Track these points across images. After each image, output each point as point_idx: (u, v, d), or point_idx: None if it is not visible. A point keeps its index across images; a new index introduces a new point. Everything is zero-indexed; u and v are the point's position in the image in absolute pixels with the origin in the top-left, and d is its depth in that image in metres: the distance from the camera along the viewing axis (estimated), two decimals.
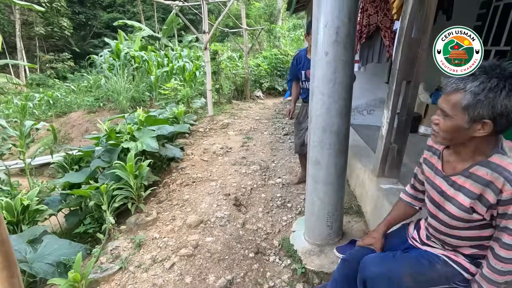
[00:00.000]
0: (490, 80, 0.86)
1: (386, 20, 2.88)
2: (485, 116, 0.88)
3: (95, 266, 1.95)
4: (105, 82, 8.24)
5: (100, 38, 21.13)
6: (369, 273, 1.16)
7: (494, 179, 0.90)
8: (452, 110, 0.93)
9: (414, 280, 1.09)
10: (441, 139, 1.01)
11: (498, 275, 0.95)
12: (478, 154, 0.97)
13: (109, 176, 2.82)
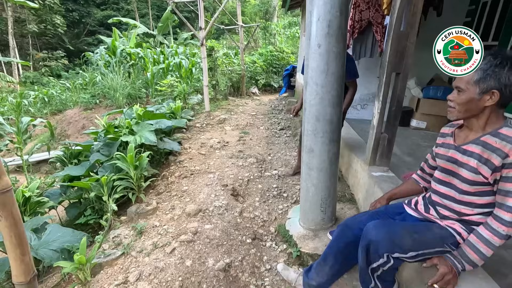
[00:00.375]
0: (496, 59, 1.07)
1: (378, 15, 2.98)
2: (493, 87, 1.07)
3: (98, 252, 2.02)
4: (101, 79, 8.24)
5: (94, 36, 21.00)
6: (373, 236, 1.26)
7: (502, 146, 1.06)
8: (466, 85, 1.12)
9: (413, 241, 1.20)
10: (457, 112, 1.17)
11: (497, 237, 1.07)
12: (488, 127, 1.14)
13: (109, 168, 2.89)
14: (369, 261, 1.29)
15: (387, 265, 1.24)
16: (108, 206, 2.27)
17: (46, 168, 6.11)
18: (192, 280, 1.77)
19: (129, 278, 1.75)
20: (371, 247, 1.25)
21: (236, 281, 1.86)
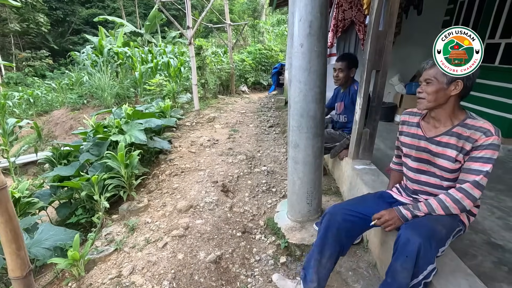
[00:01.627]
0: None
1: (360, 15, 3.09)
2: (456, 78, 1.21)
3: (91, 249, 2.06)
4: (88, 79, 8.13)
5: (80, 34, 20.56)
6: (420, 238, 1.15)
7: (471, 134, 1.22)
8: (435, 77, 1.25)
9: (446, 229, 1.26)
10: (427, 102, 1.29)
11: (452, 202, 1.23)
12: (454, 118, 1.29)
13: (99, 167, 2.91)
14: (414, 273, 1.15)
15: (432, 274, 1.16)
16: (100, 204, 2.31)
17: (33, 170, 6.03)
18: (184, 272, 1.84)
19: (123, 272, 1.80)
20: (421, 252, 1.11)
21: (227, 272, 1.93)
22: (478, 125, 1.21)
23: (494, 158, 1.19)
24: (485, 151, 1.19)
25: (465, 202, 1.21)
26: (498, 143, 1.18)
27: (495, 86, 3.30)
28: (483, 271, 1.49)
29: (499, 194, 2.30)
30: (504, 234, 1.81)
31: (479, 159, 1.20)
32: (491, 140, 1.17)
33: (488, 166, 1.19)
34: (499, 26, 3.33)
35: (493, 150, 1.18)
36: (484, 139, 1.18)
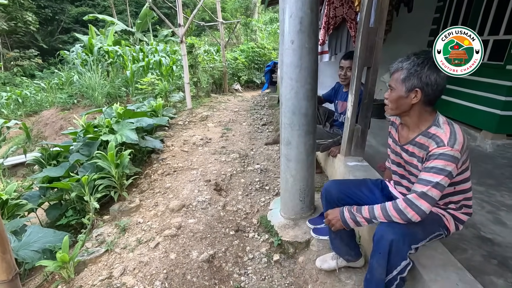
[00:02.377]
0: (418, 59, 1.19)
1: (351, 12, 3.10)
2: (416, 85, 1.18)
3: (81, 251, 2.03)
4: (78, 79, 7.99)
5: (69, 33, 20.19)
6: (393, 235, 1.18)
7: (428, 143, 1.18)
8: (395, 84, 1.25)
9: (423, 228, 1.24)
10: (390, 110, 1.31)
11: (395, 212, 1.16)
12: (421, 125, 1.25)
13: (90, 168, 2.86)
14: (389, 269, 1.16)
15: (406, 269, 1.16)
16: (90, 205, 2.27)
17: (22, 171, 5.90)
18: (176, 272, 1.82)
19: (114, 273, 1.77)
20: (393, 248, 1.13)
21: (220, 271, 1.92)
22: (435, 134, 1.16)
23: (448, 170, 1.10)
24: (436, 161, 1.11)
25: (409, 214, 1.12)
26: (451, 153, 1.09)
27: (484, 82, 3.34)
28: (473, 264, 1.51)
29: (489, 189, 2.34)
30: (494, 228, 1.84)
31: (431, 169, 1.12)
32: (442, 150, 1.10)
33: (438, 177, 1.10)
34: (487, 23, 3.38)
35: (445, 161, 1.10)
36: (434, 149, 1.13)
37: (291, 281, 1.87)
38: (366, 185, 1.54)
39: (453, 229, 1.32)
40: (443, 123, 1.19)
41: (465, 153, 1.17)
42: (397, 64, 1.25)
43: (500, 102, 3.12)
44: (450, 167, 1.10)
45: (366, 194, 1.51)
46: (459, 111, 3.79)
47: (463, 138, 1.13)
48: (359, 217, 1.27)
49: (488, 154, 3.12)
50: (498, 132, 3.19)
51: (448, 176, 1.11)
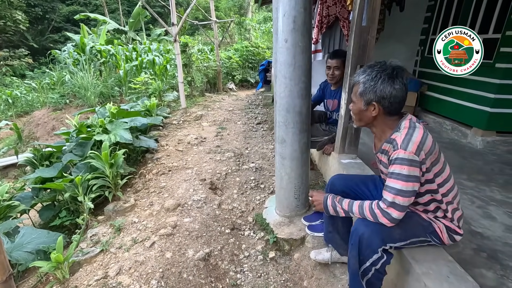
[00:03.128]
0: (372, 72, 1.21)
1: (344, 11, 3.12)
2: (373, 99, 1.21)
3: (76, 251, 2.02)
4: (70, 78, 7.89)
5: (61, 32, 19.87)
6: (364, 230, 1.23)
7: (390, 148, 1.21)
8: (355, 98, 1.29)
9: (401, 229, 1.24)
10: (356, 121, 1.35)
11: (370, 214, 1.20)
12: (386, 134, 1.27)
13: (83, 168, 2.84)
14: (361, 260, 1.21)
15: (380, 262, 1.19)
16: (84, 205, 2.25)
17: (14, 172, 5.81)
18: (172, 271, 1.82)
19: (109, 273, 1.77)
20: (363, 242, 1.19)
21: (216, 269, 1.93)
22: (394, 138, 1.16)
23: (405, 174, 1.09)
24: (394, 166, 1.12)
25: (382, 220, 1.16)
26: (405, 156, 1.09)
27: (474, 80, 3.41)
28: (463, 258, 1.54)
29: (479, 184, 2.39)
30: (483, 222, 1.88)
31: (391, 174, 1.13)
32: (396, 154, 1.11)
33: (399, 183, 1.11)
34: (477, 22, 3.44)
35: (400, 165, 1.10)
36: (392, 153, 1.14)
37: (287, 277, 1.89)
38: (373, 182, 1.55)
39: (447, 240, 1.27)
40: (404, 127, 1.18)
41: (429, 156, 1.14)
42: (355, 77, 1.28)
43: (489, 100, 3.19)
44: (406, 170, 1.09)
45: (370, 190, 1.52)
46: (450, 108, 3.86)
47: (420, 138, 1.11)
48: (338, 207, 1.33)
49: (478, 151, 3.18)
50: (488, 129, 3.26)
51: (409, 180, 1.10)
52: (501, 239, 1.71)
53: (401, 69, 1.19)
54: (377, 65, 1.20)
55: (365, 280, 1.24)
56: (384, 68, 1.18)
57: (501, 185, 2.38)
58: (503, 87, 3.06)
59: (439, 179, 1.22)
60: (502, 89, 3.09)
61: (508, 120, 3.19)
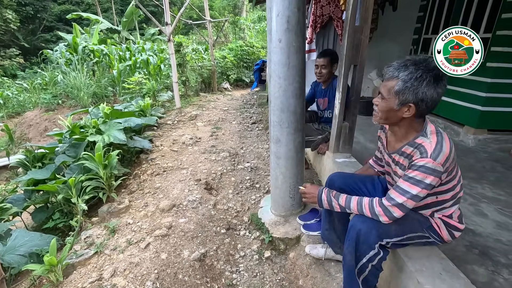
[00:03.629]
0: (417, 71, 1.08)
1: (338, 11, 3.14)
2: (410, 101, 1.10)
3: (70, 254, 1.99)
4: (62, 78, 7.79)
5: (52, 32, 19.60)
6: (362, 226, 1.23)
7: (413, 153, 1.15)
8: (387, 94, 1.15)
9: (397, 225, 1.23)
10: (379, 118, 1.23)
11: (370, 213, 1.20)
12: (409, 135, 1.21)
13: (77, 169, 2.81)
14: (358, 256, 1.21)
15: (376, 258, 1.19)
16: (78, 207, 2.23)
17: (6, 174, 5.72)
18: (168, 272, 1.81)
19: (104, 275, 1.75)
20: (360, 237, 1.18)
21: (211, 269, 1.93)
22: (421, 143, 1.12)
23: (427, 183, 1.08)
24: (416, 172, 1.09)
25: (381, 218, 1.16)
26: (433, 166, 1.06)
27: (466, 79, 3.45)
28: (456, 254, 1.57)
29: (471, 182, 2.43)
30: (475, 219, 1.91)
31: (409, 179, 1.11)
32: (424, 162, 1.07)
33: (415, 189, 1.10)
34: (468, 22, 3.48)
35: (424, 174, 1.07)
36: (417, 159, 1.10)
37: (283, 277, 1.90)
38: (371, 181, 1.54)
39: (447, 236, 1.27)
40: (431, 133, 1.14)
41: (452, 163, 1.14)
42: (392, 71, 1.13)
43: (481, 98, 3.24)
44: (429, 179, 1.08)
45: (369, 189, 1.52)
46: (443, 107, 3.90)
47: (449, 149, 1.09)
48: (334, 202, 1.32)
49: (470, 149, 3.23)
50: (480, 127, 3.31)
51: (427, 188, 1.10)
52: (492, 235, 1.74)
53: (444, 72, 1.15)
54: (422, 62, 1.09)
55: (362, 278, 1.24)
56: (431, 68, 1.08)
57: (492, 182, 2.42)
58: (494, 85, 3.11)
59: (454, 181, 1.21)
60: (493, 88, 3.14)
61: (498, 118, 3.25)
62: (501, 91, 3.15)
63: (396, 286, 1.36)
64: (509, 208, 2.04)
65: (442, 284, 1.14)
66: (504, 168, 2.71)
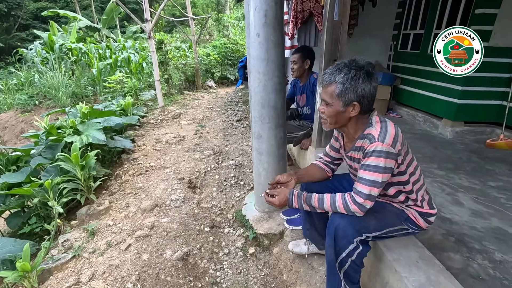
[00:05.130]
0: (350, 72, 1.15)
1: (318, 6, 3.15)
2: (353, 99, 1.16)
3: (46, 258, 1.92)
4: (39, 78, 7.48)
5: (28, 30, 18.81)
6: (340, 221, 1.24)
7: (364, 143, 1.20)
8: (331, 99, 1.20)
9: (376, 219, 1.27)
10: (329, 124, 1.27)
11: (345, 210, 1.20)
12: (358, 132, 1.27)
13: (53, 171, 2.70)
14: (337, 251, 1.22)
15: (355, 252, 1.20)
16: (54, 210, 2.14)
17: None
18: (149, 273, 1.77)
19: (81, 279, 1.70)
20: (339, 232, 1.20)
21: (195, 268, 1.90)
22: (369, 133, 1.17)
23: (382, 166, 1.11)
24: (371, 159, 1.13)
25: (357, 213, 1.18)
26: (383, 149, 1.10)
27: (443, 74, 3.54)
28: (433, 243, 1.61)
29: (449, 173, 2.50)
30: (452, 208, 1.97)
31: (367, 167, 1.14)
32: (374, 146, 1.12)
33: (375, 175, 1.12)
34: (444, 17, 3.58)
35: (378, 157, 1.11)
36: (368, 146, 1.14)
37: (267, 272, 1.89)
38: (347, 179, 1.55)
39: (424, 224, 1.31)
40: (376, 122, 1.20)
41: (403, 147, 1.18)
42: (328, 77, 1.19)
43: (457, 92, 3.34)
44: (383, 162, 1.11)
45: (344, 185, 1.54)
46: (422, 101, 4.00)
47: (394, 131, 1.15)
48: (306, 206, 1.30)
49: (448, 141, 3.33)
50: (457, 119, 3.41)
51: (386, 172, 1.12)
52: (468, 223, 1.80)
53: (373, 65, 1.20)
54: (352, 63, 1.16)
55: (342, 272, 1.25)
56: (360, 66, 1.15)
57: (468, 172, 2.50)
58: (469, 79, 3.21)
59: (411, 168, 1.25)
60: (468, 82, 3.24)
61: (474, 110, 3.36)
62: (476, 85, 3.26)
63: (376, 276, 1.38)
64: (484, 196, 2.11)
65: (418, 271, 1.16)
66: (479, 159, 2.80)
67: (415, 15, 4.21)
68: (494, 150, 3.02)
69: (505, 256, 1.51)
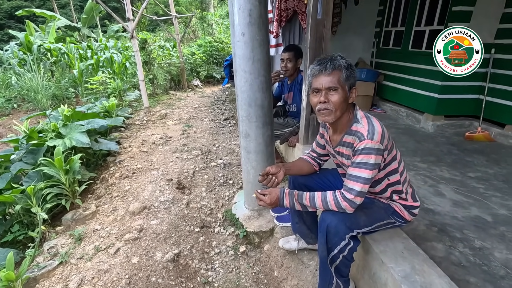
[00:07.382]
0: (341, 59, 1.21)
1: (302, 4, 3.18)
2: (353, 84, 1.23)
3: (32, 267, 1.87)
4: (17, 80, 7.19)
5: (3, 30, 18.04)
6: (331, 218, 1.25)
7: (353, 140, 1.22)
8: (339, 84, 1.19)
9: (366, 215, 1.30)
10: (334, 114, 1.22)
11: (336, 207, 1.22)
12: (346, 126, 1.28)
13: (36, 176, 2.62)
14: (329, 248, 1.23)
15: (347, 248, 1.22)
16: (38, 216, 2.08)
17: None
18: (140, 276, 1.76)
19: (70, 286, 1.66)
20: (331, 230, 1.21)
21: (186, 268, 1.90)
22: (357, 130, 1.19)
23: (372, 163, 1.14)
24: (361, 156, 1.15)
25: (347, 210, 1.20)
26: (373, 146, 1.13)
27: (424, 69, 3.66)
28: (417, 233, 1.67)
29: (431, 165, 2.59)
30: (435, 199, 2.04)
31: (358, 164, 1.16)
32: (364, 144, 1.14)
33: (366, 172, 1.14)
34: (423, 14, 3.68)
35: (368, 155, 1.14)
36: (358, 144, 1.16)
37: (258, 269, 1.91)
38: (332, 174, 1.59)
39: (409, 216, 1.35)
40: (361, 118, 1.23)
41: (389, 142, 1.21)
42: (331, 64, 1.18)
43: (437, 87, 3.45)
44: (373, 159, 1.14)
45: (330, 180, 1.57)
46: (404, 96, 4.11)
47: (381, 127, 1.18)
48: (297, 205, 1.31)
49: (430, 134, 3.44)
50: (437, 114, 3.53)
51: (374, 168, 1.15)
52: (449, 213, 1.87)
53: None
54: (336, 56, 1.22)
55: (334, 267, 1.28)
56: (343, 57, 1.22)
57: (449, 164, 2.60)
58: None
59: (395, 163, 1.28)
60: (447, 77, 3.32)
61: (453, 104, 3.49)
62: (455, 80, 3.37)
63: (364, 268, 1.43)
64: (464, 187, 2.21)
65: (403, 261, 1.21)
66: (459, 151, 2.92)
67: (396, 12, 4.31)
68: (472, 142, 3.15)
69: (484, 243, 1.58)
